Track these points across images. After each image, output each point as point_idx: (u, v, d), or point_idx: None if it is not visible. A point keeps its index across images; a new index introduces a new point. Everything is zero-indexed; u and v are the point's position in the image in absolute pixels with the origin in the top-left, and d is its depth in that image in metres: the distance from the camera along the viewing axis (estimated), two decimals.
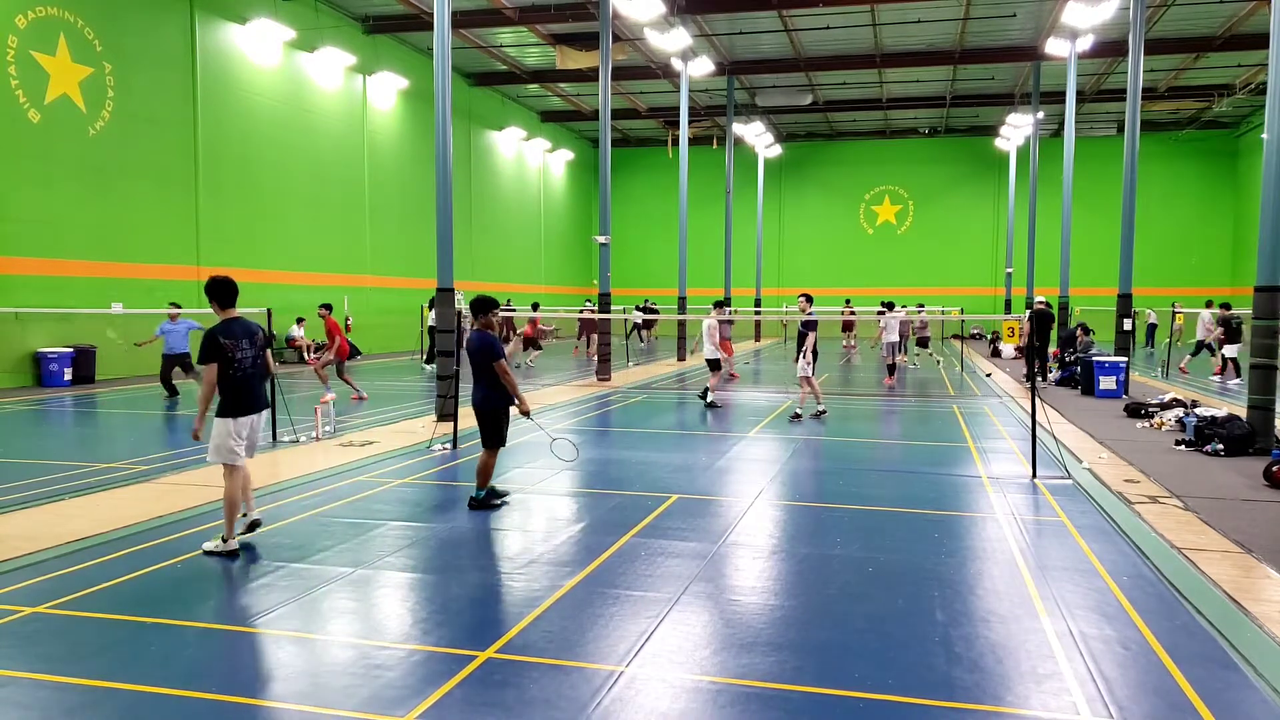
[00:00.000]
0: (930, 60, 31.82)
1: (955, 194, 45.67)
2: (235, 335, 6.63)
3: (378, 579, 6.02)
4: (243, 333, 6.70)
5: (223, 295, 6.71)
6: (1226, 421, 11.29)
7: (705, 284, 43.02)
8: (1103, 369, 17.10)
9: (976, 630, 5.12)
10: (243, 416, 6.69)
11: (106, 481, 9.01)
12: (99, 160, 19.43)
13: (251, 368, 6.72)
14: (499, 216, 38.13)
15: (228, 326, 6.63)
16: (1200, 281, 41.95)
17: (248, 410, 6.73)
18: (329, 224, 26.92)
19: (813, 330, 14.14)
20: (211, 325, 6.60)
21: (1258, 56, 29.98)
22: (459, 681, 4.39)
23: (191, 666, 4.57)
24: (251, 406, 6.78)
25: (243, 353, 6.65)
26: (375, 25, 27.90)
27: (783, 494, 8.91)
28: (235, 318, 6.73)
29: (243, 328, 6.74)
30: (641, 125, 44.38)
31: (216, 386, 6.57)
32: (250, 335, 6.76)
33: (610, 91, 21.18)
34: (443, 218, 13.96)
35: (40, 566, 6.19)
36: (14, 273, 17.73)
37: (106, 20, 19.48)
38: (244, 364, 6.66)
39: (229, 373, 6.58)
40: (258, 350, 6.80)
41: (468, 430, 12.34)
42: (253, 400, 6.79)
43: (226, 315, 6.68)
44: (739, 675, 4.49)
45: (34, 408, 15.04)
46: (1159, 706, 4.18)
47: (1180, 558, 6.59)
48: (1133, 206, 18.60)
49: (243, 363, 6.64)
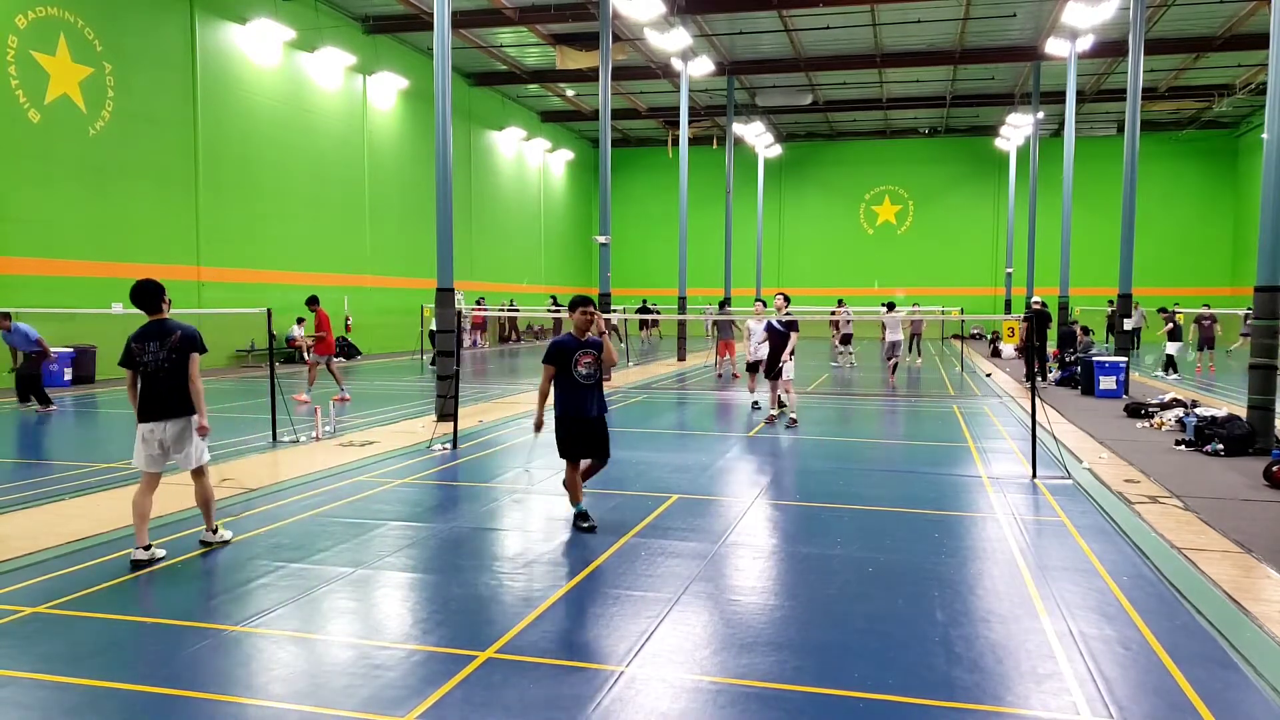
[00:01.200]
0: (930, 60, 31.82)
1: (955, 194, 45.67)
2: (144, 337, 6.40)
3: (378, 579, 6.01)
4: (154, 334, 6.41)
5: (140, 301, 6.51)
6: (1226, 421, 11.29)
7: (705, 284, 43.04)
8: (1103, 369, 17.10)
9: (976, 630, 5.12)
10: (145, 422, 6.39)
11: (106, 481, 9.01)
12: (99, 160, 19.43)
13: (156, 369, 6.36)
14: (499, 216, 38.13)
15: (142, 328, 6.46)
16: (1200, 281, 41.97)
17: (151, 415, 6.37)
18: (329, 224, 26.92)
19: (794, 331, 13.78)
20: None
21: (1258, 56, 29.97)
22: (459, 681, 4.38)
23: (191, 666, 4.56)
24: (155, 412, 6.37)
25: (149, 355, 6.36)
26: (375, 25, 27.90)
27: (783, 494, 8.91)
28: (159, 320, 6.51)
29: (157, 328, 6.44)
30: (641, 125, 44.38)
31: (131, 389, 6.49)
32: (163, 336, 6.40)
33: (610, 91, 21.18)
34: (443, 218, 13.96)
35: (40, 566, 6.19)
36: (14, 273, 17.73)
37: (106, 20, 19.48)
38: (149, 366, 6.36)
39: (139, 374, 6.43)
40: (169, 352, 6.38)
41: (468, 430, 12.35)
42: (156, 405, 6.37)
43: (154, 318, 6.52)
44: (739, 675, 4.49)
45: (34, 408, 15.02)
46: (1159, 706, 4.18)
47: (1180, 558, 6.59)
48: (1133, 206, 18.59)
49: (147, 365, 6.36)
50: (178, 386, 6.41)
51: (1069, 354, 20.99)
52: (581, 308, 7.26)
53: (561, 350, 7.17)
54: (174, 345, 6.40)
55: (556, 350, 7.18)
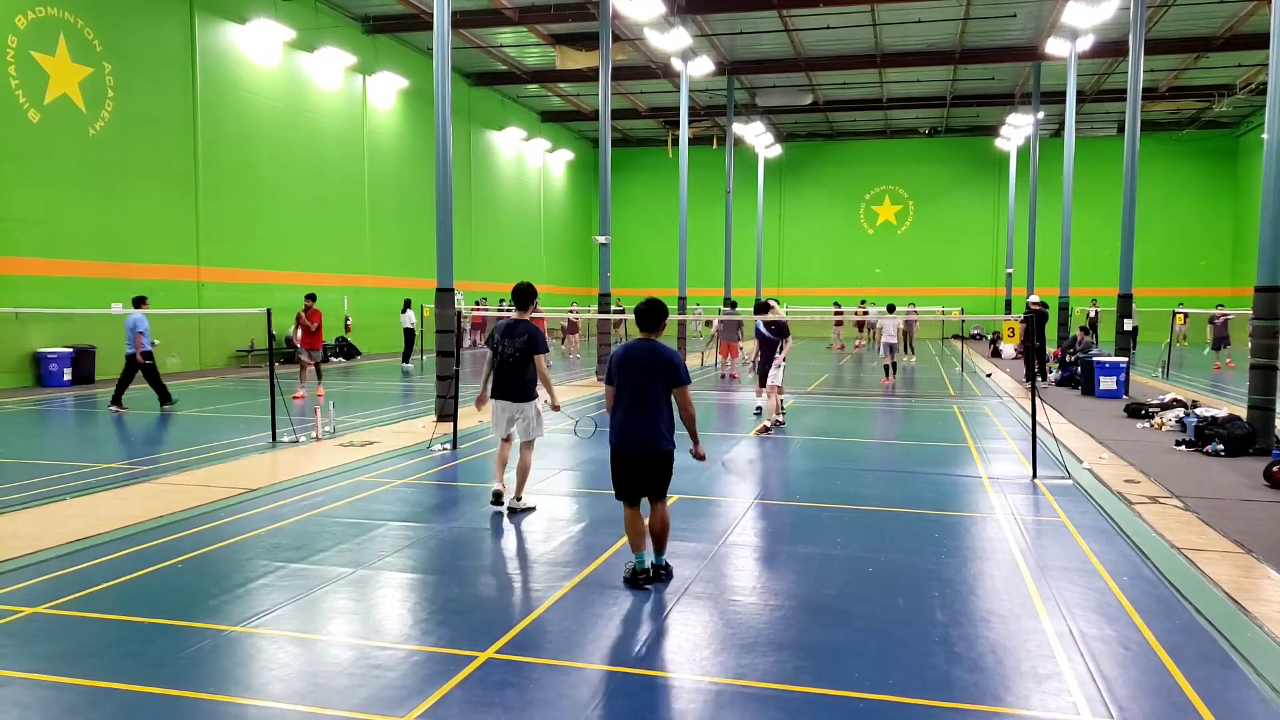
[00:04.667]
0: (930, 60, 31.82)
1: (955, 194, 45.67)
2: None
3: (378, 579, 6.01)
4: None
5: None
6: (1227, 422, 11.29)
7: (705, 284, 43.03)
8: (1103, 369, 17.10)
9: (977, 630, 5.12)
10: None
11: (106, 481, 9.00)
12: (99, 160, 19.43)
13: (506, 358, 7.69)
14: (499, 216, 38.13)
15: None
16: (1201, 281, 41.97)
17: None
18: (329, 224, 26.92)
19: (784, 336, 13.45)
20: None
21: (1258, 56, 29.97)
22: (459, 681, 4.38)
23: (191, 666, 4.56)
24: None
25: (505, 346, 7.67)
26: (375, 25, 27.90)
27: (783, 494, 8.91)
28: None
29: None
30: (641, 125, 44.38)
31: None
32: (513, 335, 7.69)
33: (610, 91, 21.17)
34: (442, 218, 13.96)
35: (40, 566, 6.18)
36: (14, 273, 17.73)
37: (106, 20, 19.48)
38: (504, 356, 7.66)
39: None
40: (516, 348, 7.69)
41: (468, 430, 12.34)
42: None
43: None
44: (739, 675, 4.49)
45: (34, 408, 15.04)
46: (1159, 706, 4.18)
47: (1180, 558, 6.58)
48: (1133, 206, 18.58)
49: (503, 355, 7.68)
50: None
51: (1069, 354, 20.98)
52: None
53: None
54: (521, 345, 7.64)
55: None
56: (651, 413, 5.76)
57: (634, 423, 5.78)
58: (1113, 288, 21.34)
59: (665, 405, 5.82)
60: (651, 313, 5.90)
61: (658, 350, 5.81)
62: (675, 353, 5.85)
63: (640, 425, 5.76)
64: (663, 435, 5.79)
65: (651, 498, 5.90)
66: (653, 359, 5.78)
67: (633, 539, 5.94)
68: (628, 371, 5.81)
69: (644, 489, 5.87)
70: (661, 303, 5.96)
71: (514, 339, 7.63)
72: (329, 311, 25.86)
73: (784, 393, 13.77)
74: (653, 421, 5.76)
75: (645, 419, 5.75)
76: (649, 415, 5.76)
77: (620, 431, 5.84)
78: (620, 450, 5.86)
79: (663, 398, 5.80)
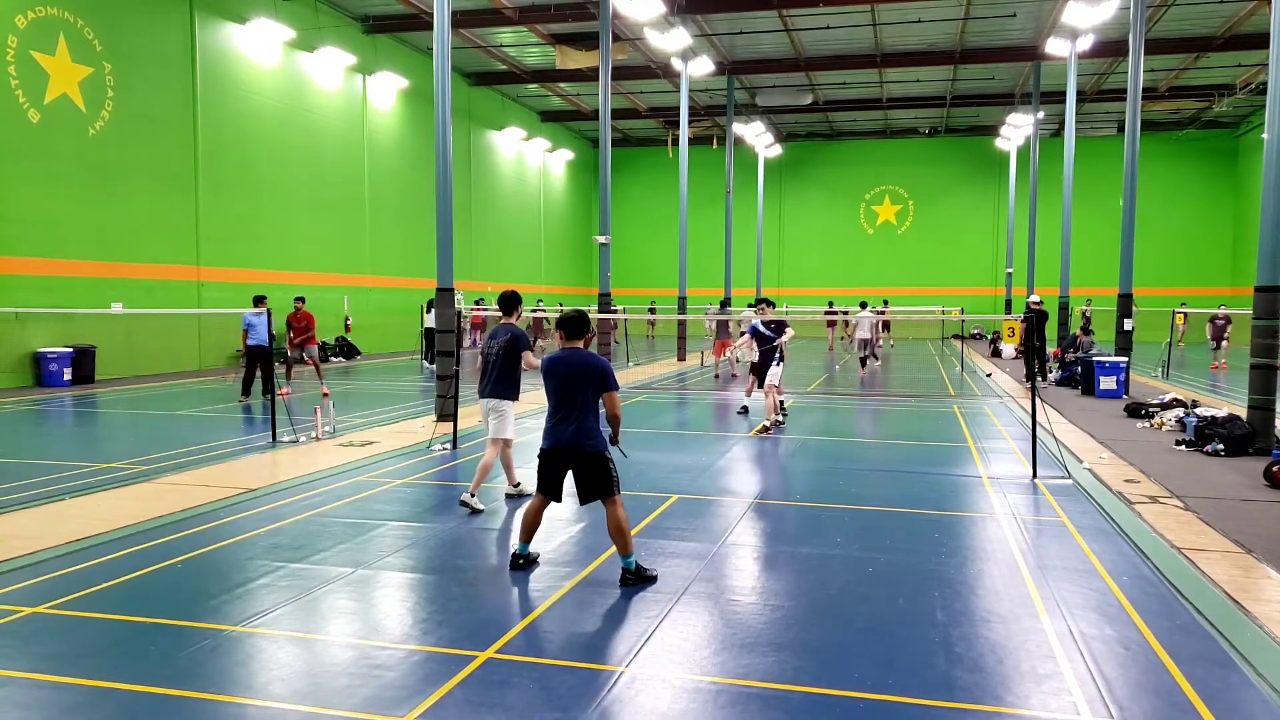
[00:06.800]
0: (930, 60, 31.81)
1: (955, 194, 45.66)
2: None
3: (378, 579, 6.01)
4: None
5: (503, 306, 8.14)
6: (1227, 421, 11.29)
7: (705, 284, 43.04)
8: (1103, 369, 17.10)
9: (977, 630, 5.12)
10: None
11: (106, 481, 9.00)
12: (99, 160, 19.42)
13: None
14: (499, 216, 38.12)
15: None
16: (1201, 281, 41.96)
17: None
18: (329, 224, 26.92)
19: (781, 335, 13.35)
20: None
21: (1258, 56, 29.97)
22: (459, 681, 4.38)
23: (191, 666, 4.56)
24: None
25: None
26: (375, 25, 27.89)
27: (783, 494, 8.91)
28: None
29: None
30: (641, 125, 44.37)
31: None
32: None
33: (610, 91, 21.18)
34: (442, 217, 13.96)
35: (40, 566, 6.18)
36: (14, 273, 17.72)
37: (106, 20, 19.48)
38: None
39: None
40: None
41: (468, 430, 12.34)
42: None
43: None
44: (739, 675, 4.49)
45: (34, 408, 15.04)
46: (1159, 706, 4.18)
47: (1180, 558, 6.59)
48: (1133, 206, 18.58)
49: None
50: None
51: (1070, 354, 20.99)
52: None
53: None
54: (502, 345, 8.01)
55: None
56: (580, 416, 5.99)
57: (563, 426, 6.01)
58: (1112, 287, 21.35)
59: (593, 409, 6.06)
60: (576, 322, 6.18)
61: (586, 359, 6.06)
62: (604, 360, 6.11)
63: (569, 428, 5.99)
64: (591, 435, 6.00)
65: (601, 500, 6.05)
66: (582, 367, 6.01)
67: (523, 529, 6.24)
68: (556, 379, 6.04)
69: (587, 493, 6.05)
70: (585, 313, 6.27)
71: (497, 339, 8.10)
72: (330, 311, 25.97)
73: (783, 392, 13.78)
74: (581, 424, 5.99)
75: (575, 423, 5.99)
76: (579, 418, 6.00)
77: (548, 434, 6.10)
78: (547, 451, 6.11)
79: (591, 402, 6.04)
